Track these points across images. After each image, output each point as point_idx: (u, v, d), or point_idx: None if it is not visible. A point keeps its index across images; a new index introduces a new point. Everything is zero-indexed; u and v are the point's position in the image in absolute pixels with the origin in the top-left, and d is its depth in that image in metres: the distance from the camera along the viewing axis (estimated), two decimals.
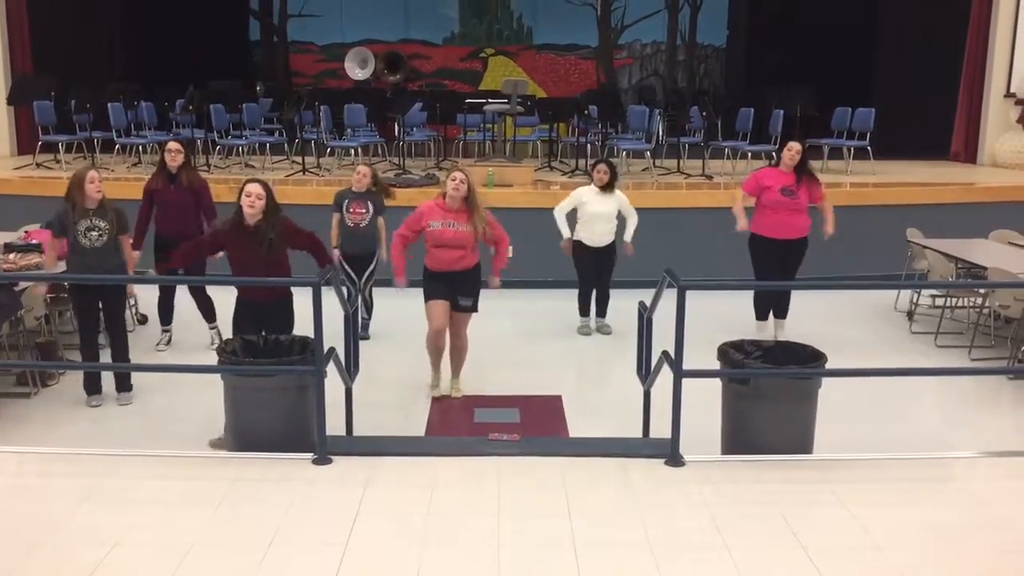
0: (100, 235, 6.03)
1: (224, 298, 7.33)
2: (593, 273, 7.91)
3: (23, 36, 13.11)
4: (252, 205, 5.50)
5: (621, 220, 7.95)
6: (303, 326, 5.23)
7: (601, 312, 8.17)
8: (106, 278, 6.18)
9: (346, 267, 7.62)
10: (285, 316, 5.60)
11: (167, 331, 7.52)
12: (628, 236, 7.93)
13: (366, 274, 7.69)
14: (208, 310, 7.53)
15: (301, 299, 5.22)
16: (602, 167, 7.95)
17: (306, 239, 5.79)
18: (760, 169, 8.07)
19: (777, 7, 14.98)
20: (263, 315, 5.52)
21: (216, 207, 7.34)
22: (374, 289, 7.81)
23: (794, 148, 7.58)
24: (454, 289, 6.33)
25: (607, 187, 7.86)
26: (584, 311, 8.17)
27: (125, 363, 6.41)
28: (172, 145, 7.28)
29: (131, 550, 3.86)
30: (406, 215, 6.56)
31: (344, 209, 7.61)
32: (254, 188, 5.51)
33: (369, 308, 7.87)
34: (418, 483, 4.49)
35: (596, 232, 7.83)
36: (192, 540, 3.93)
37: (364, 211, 7.60)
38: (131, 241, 6.51)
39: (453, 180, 6.24)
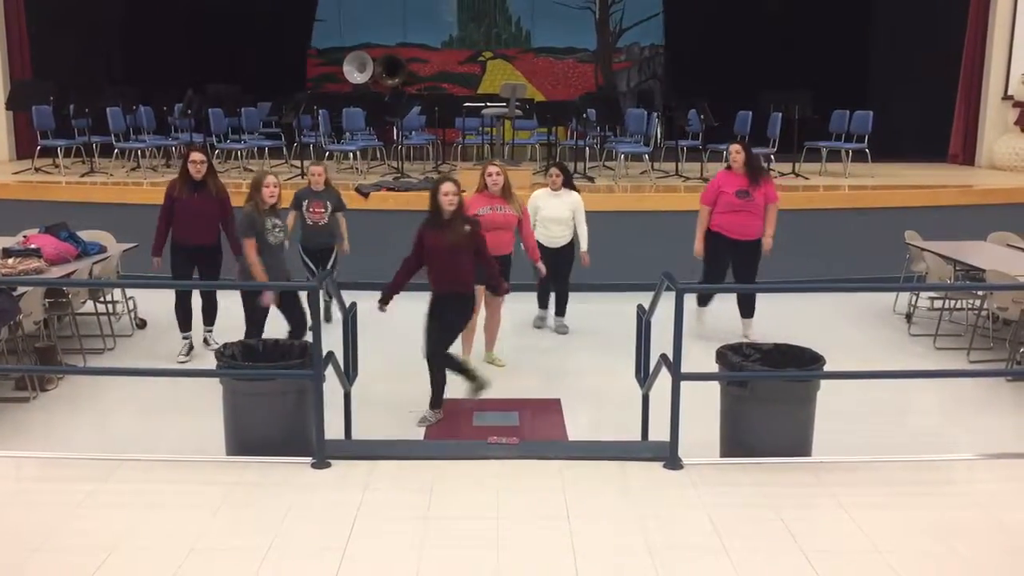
0: (281, 231, 6.50)
1: (224, 302, 7.37)
2: (550, 273, 7.84)
3: (22, 41, 13.11)
4: (451, 203, 6.00)
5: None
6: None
7: (559, 311, 8.23)
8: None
9: (307, 261, 7.98)
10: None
11: (187, 338, 7.42)
12: (583, 246, 7.89)
13: (329, 265, 8.01)
14: (214, 313, 7.50)
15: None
16: (554, 170, 7.95)
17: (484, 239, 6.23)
18: (715, 176, 8.11)
19: (725, 8, 14.99)
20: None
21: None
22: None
23: (734, 149, 7.68)
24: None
25: (562, 189, 7.87)
26: (542, 304, 8.30)
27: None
28: (196, 156, 7.17)
29: (129, 555, 3.85)
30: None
31: (304, 208, 7.94)
32: (451, 187, 6.02)
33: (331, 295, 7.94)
34: (417, 487, 4.48)
35: (552, 233, 7.84)
36: (190, 545, 3.92)
37: (323, 209, 7.92)
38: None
39: (490, 175, 6.98)
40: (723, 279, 7.66)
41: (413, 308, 8.58)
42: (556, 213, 7.83)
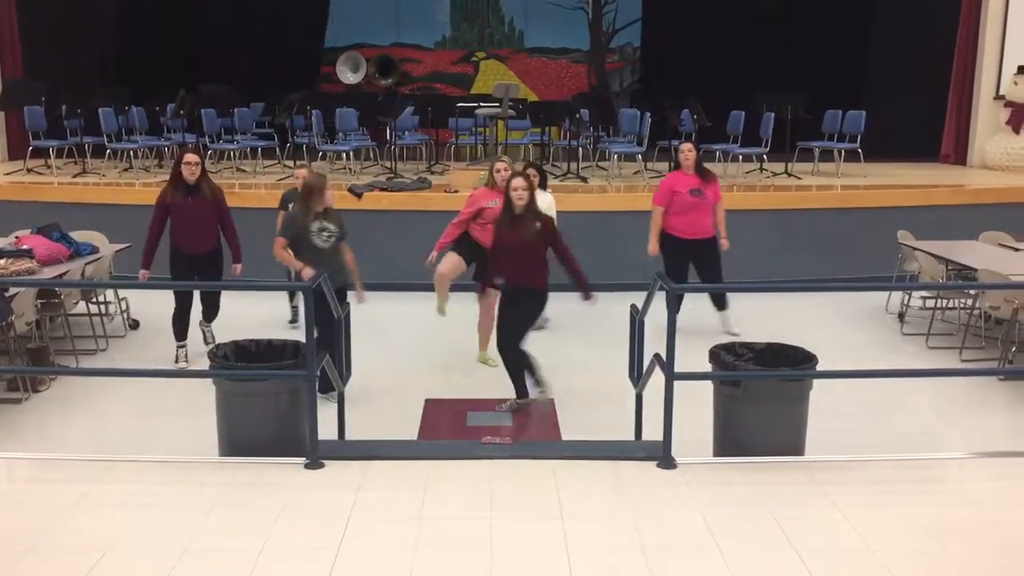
0: (330, 236, 6.35)
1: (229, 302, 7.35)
2: None
3: (13, 42, 13.07)
4: (521, 197, 6.08)
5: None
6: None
7: None
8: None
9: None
10: None
11: (183, 346, 7.25)
12: None
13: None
14: (215, 313, 7.44)
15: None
16: (530, 171, 7.59)
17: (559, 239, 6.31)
18: (664, 177, 8.22)
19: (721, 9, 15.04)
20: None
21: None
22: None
23: (686, 148, 7.91)
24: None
25: (536, 190, 7.72)
26: None
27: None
28: (190, 157, 6.95)
29: (122, 556, 3.85)
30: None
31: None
32: (520, 183, 6.14)
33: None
34: (410, 487, 4.49)
35: None
36: (184, 545, 3.92)
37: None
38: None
39: (498, 171, 6.94)
40: (686, 279, 7.73)
41: (405, 309, 8.60)
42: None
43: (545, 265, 6.25)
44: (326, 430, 4.98)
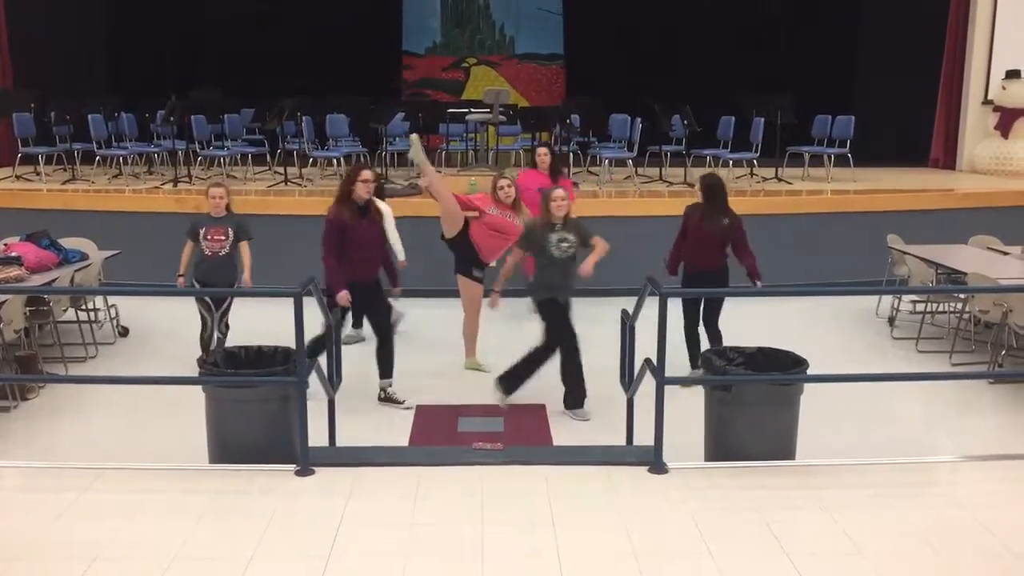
0: (569, 247, 6.28)
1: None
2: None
3: (1, 48, 13.03)
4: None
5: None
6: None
7: None
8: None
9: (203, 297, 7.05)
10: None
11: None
12: (400, 255, 7.55)
13: (224, 306, 7.04)
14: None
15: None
16: (367, 174, 7.41)
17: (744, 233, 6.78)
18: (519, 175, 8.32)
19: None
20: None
21: None
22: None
23: (543, 151, 8.28)
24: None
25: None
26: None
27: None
28: (367, 174, 6.36)
29: (112, 564, 3.83)
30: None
31: (201, 236, 6.90)
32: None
33: (224, 335, 7.08)
34: (401, 493, 4.48)
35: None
36: (174, 553, 3.90)
37: (223, 237, 6.91)
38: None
39: (501, 188, 7.00)
40: None
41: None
42: None
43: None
44: (316, 436, 4.97)
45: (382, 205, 7.53)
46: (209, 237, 6.91)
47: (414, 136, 7.67)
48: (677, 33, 15.38)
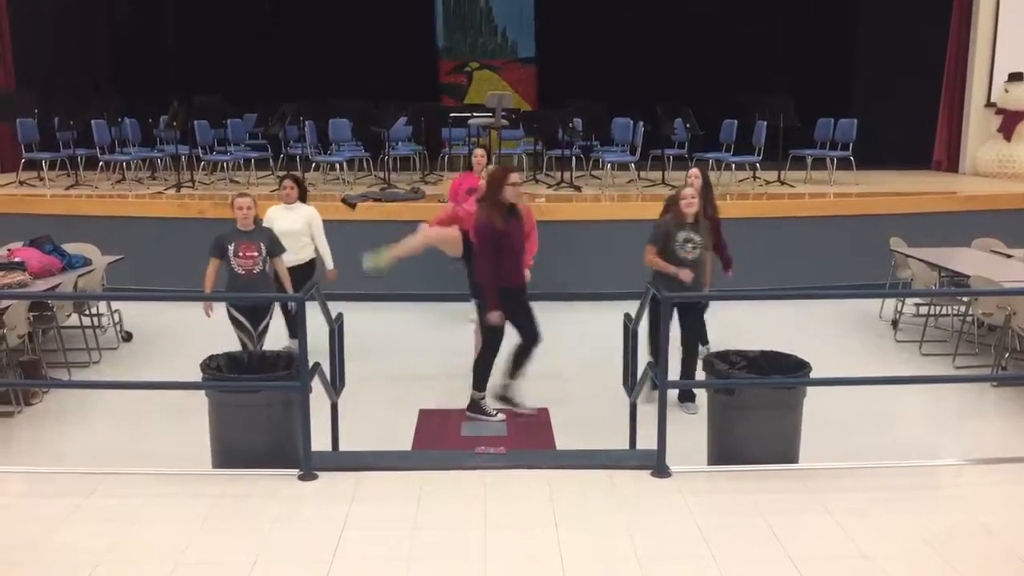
0: (695, 247, 6.28)
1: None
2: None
3: (5, 53, 13.07)
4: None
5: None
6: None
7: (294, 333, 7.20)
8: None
9: (238, 317, 6.32)
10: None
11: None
12: (328, 263, 7.44)
13: (260, 327, 6.44)
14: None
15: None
16: (288, 182, 7.37)
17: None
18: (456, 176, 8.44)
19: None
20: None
21: None
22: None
23: (478, 153, 8.22)
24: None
25: (296, 203, 7.33)
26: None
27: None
28: (515, 177, 6.06)
29: (115, 569, 3.83)
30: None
31: (231, 253, 6.27)
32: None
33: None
34: (404, 498, 4.47)
35: (289, 250, 6.83)
36: (177, 558, 3.90)
37: (256, 253, 6.27)
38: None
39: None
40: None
41: (399, 319, 8.60)
42: (290, 226, 7.13)
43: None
44: (319, 441, 4.97)
45: (309, 209, 7.46)
46: (241, 254, 6.26)
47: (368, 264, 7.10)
48: (679, 35, 15.37)
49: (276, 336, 6.92)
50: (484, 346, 6.32)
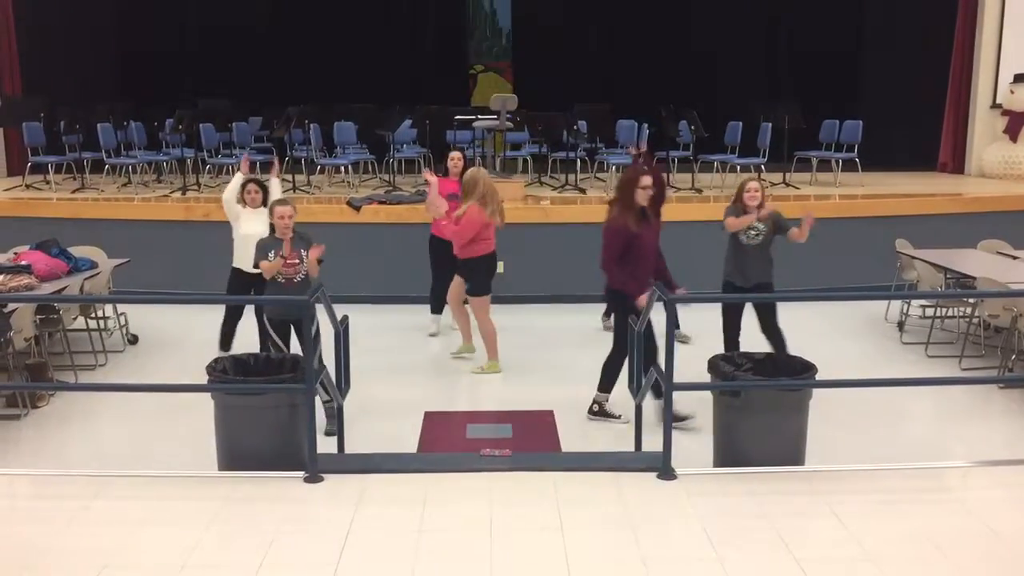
0: (757, 235, 6.56)
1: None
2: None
3: (11, 57, 13.11)
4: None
5: None
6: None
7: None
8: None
9: (273, 335, 5.95)
10: None
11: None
12: None
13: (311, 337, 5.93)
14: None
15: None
16: (252, 186, 7.13)
17: None
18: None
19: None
20: None
21: None
22: None
23: (455, 157, 8.23)
24: None
25: (262, 207, 6.98)
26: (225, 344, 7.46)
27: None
28: (646, 180, 5.87)
29: (121, 571, 3.84)
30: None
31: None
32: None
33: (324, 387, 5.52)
34: (410, 500, 4.48)
35: (248, 255, 6.41)
36: (183, 561, 3.91)
37: (297, 261, 5.97)
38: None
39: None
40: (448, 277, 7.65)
41: (405, 321, 8.60)
42: (256, 229, 6.65)
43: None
44: (325, 444, 4.98)
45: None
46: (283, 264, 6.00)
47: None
48: (684, 37, 15.36)
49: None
50: (616, 348, 6.17)
